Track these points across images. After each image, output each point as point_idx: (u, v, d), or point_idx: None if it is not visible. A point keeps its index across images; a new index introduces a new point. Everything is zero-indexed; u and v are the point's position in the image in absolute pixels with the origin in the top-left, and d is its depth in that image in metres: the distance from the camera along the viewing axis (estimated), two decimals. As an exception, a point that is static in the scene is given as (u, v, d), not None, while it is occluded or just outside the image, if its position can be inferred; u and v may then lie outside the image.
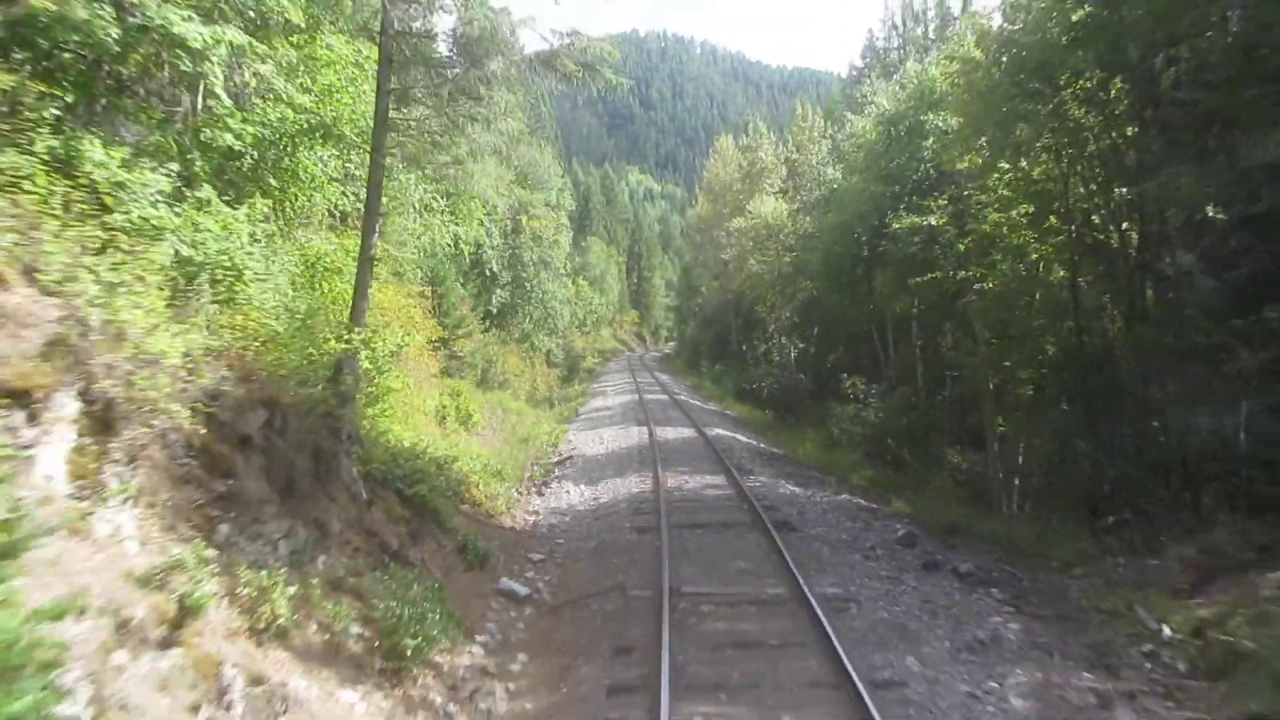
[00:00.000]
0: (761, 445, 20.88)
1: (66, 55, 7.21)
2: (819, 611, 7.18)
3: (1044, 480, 16.49)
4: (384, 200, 13.27)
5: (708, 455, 17.01)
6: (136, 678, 4.27)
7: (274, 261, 8.67)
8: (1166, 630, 7.36)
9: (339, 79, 11.81)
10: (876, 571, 9.12)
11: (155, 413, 5.34)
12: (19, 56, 6.70)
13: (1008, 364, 15.57)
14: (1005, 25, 12.96)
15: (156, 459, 5.45)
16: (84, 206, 5.79)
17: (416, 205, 17.98)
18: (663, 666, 6.07)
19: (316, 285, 10.47)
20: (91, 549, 4.59)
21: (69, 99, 7.04)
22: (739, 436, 21.53)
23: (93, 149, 6.45)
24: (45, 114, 6.33)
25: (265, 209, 10.05)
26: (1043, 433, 16.07)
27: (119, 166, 6.53)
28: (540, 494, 13.92)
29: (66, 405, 4.80)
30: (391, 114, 10.90)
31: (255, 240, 8.40)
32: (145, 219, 6.57)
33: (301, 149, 10.73)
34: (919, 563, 9.62)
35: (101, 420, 5.04)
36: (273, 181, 10.79)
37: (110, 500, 4.82)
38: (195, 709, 4.58)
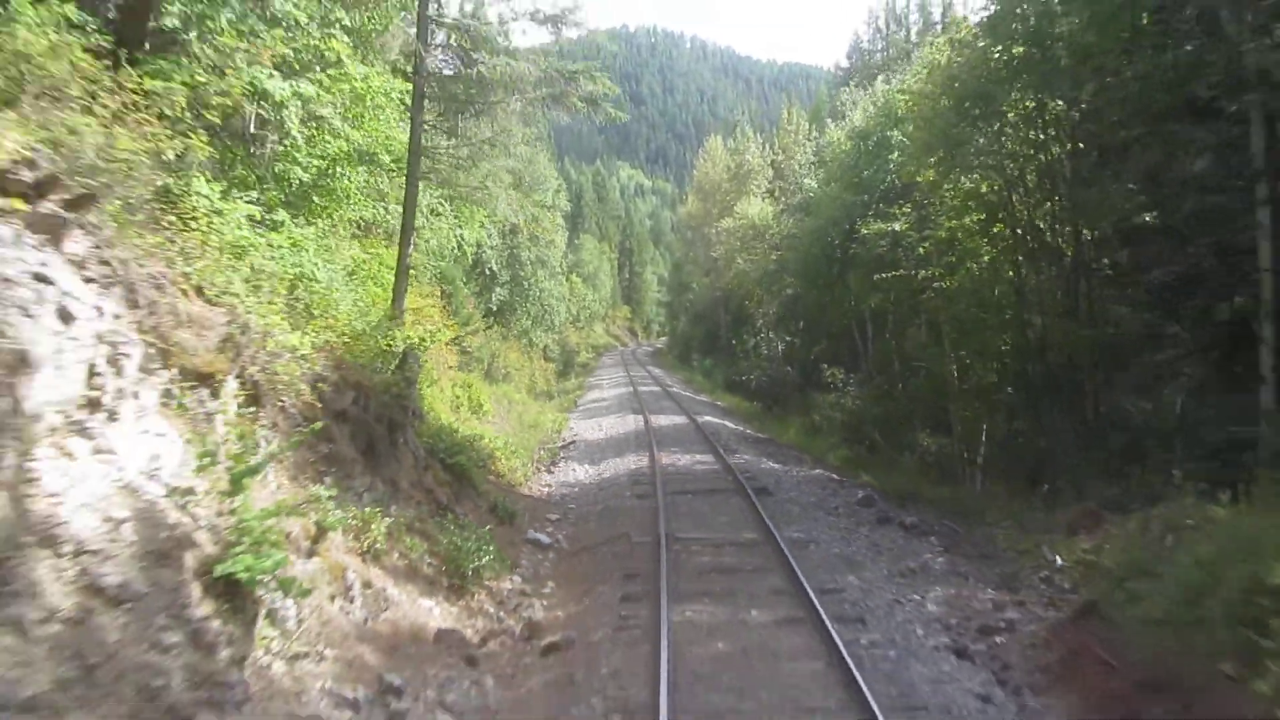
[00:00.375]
0: (748, 431, 22.85)
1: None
2: (784, 548, 9.15)
3: (999, 457, 18.50)
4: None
5: (698, 439, 18.97)
6: (298, 572, 6.18)
7: (349, 274, 10.58)
8: (1059, 560, 9.36)
9: (369, 107, 13.64)
10: (836, 524, 11.11)
11: (285, 391, 7.25)
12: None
13: (962, 353, 17.55)
14: (955, 58, 14.92)
15: (282, 426, 7.35)
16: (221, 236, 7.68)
17: (424, 210, 19.89)
18: (662, 584, 8.02)
19: (355, 289, 12.34)
20: (258, 486, 6.50)
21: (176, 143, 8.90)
22: (727, 423, 23.50)
23: (200, 184, 8.29)
24: (164, 156, 8.18)
25: (324, 226, 11.97)
26: (996, 416, 18.09)
27: (219, 198, 8.41)
28: (550, 471, 15.85)
29: (231, 385, 6.70)
30: (424, 143, 12.84)
31: (320, 254, 10.32)
32: (235, 240, 8.43)
33: (342, 171, 12.60)
34: (873, 518, 11.62)
35: (252, 397, 6.94)
36: (316, 199, 12.65)
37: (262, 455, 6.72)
38: (333, 598, 6.52)
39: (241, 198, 9.09)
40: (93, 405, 4.93)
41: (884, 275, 18.66)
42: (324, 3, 10.82)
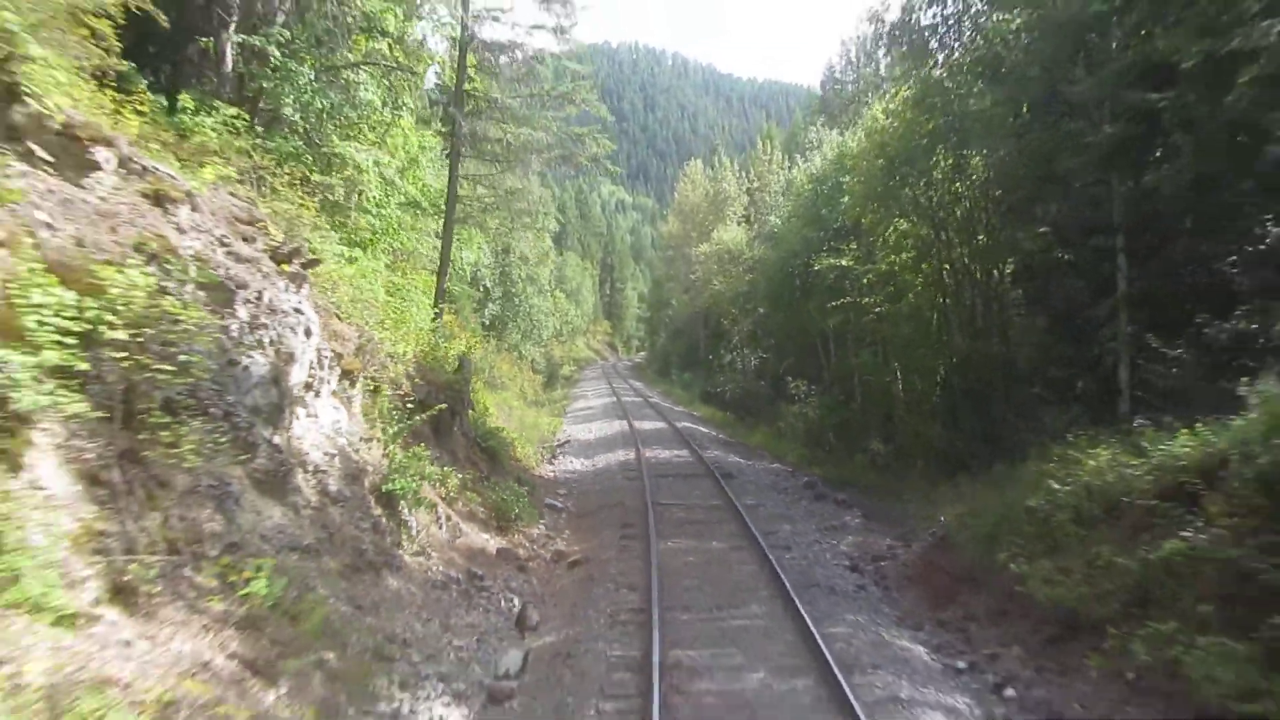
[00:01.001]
0: (720, 435, 26.23)
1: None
2: (740, 509, 12.50)
3: (931, 455, 21.97)
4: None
5: (676, 439, 22.32)
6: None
7: (391, 295, 13.82)
8: (943, 518, 12.77)
9: (417, 163, 16.89)
10: (782, 498, 14.50)
11: (392, 385, 10.52)
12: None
13: (899, 368, 21.05)
14: (888, 125, 18.48)
15: (389, 410, 10.60)
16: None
17: (433, 234, 23.22)
18: (650, 529, 11.33)
19: (421, 308, 15.59)
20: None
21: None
22: (702, 429, 26.88)
23: (306, 233, 11.48)
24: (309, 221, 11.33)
25: (384, 261, 15.21)
26: (931, 422, 21.58)
27: (319, 242, 11.64)
28: (552, 462, 19.11)
29: (361, 380, 9.96)
30: (459, 191, 16.14)
31: (384, 283, 13.56)
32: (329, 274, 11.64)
33: (393, 214, 15.86)
34: (812, 495, 15.02)
35: (373, 390, 10.21)
36: (367, 235, 15.89)
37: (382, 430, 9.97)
38: (431, 523, 9.78)
39: (331, 239, 12.37)
40: (308, 387, 8.21)
41: (836, 302, 22.19)
42: (392, 90, 14.13)
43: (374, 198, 13.50)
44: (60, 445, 5.12)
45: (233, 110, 10.45)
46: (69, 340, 5.15)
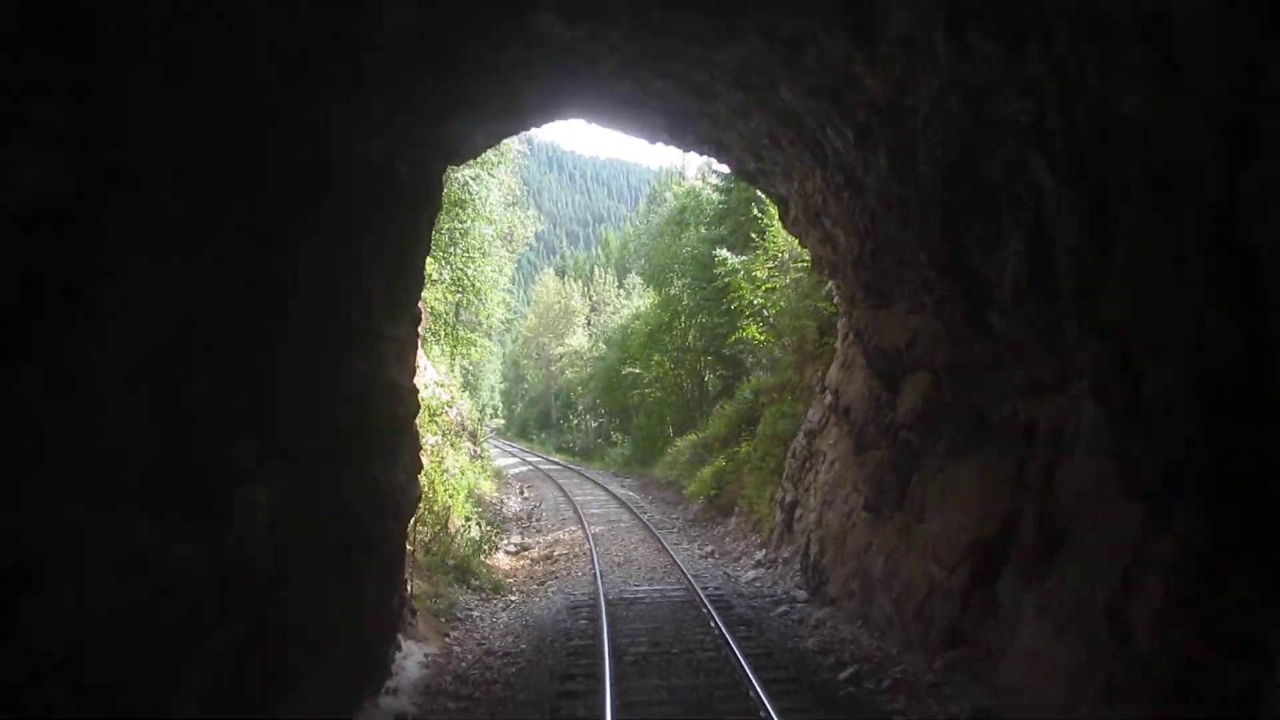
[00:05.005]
0: (573, 464, 49.06)
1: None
2: (587, 475, 35.42)
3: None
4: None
5: (551, 464, 45.02)
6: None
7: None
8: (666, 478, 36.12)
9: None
10: (603, 476, 37.65)
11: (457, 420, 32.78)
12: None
13: (668, 420, 44.68)
14: (648, 309, 42.37)
15: (476, 421, 32.87)
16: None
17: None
18: (555, 480, 33.99)
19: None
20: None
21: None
22: (564, 462, 49.69)
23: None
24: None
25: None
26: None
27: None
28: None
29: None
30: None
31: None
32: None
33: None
34: (615, 476, 38.24)
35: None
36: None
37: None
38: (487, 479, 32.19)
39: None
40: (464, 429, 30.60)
41: (636, 391, 45.57)
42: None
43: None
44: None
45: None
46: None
